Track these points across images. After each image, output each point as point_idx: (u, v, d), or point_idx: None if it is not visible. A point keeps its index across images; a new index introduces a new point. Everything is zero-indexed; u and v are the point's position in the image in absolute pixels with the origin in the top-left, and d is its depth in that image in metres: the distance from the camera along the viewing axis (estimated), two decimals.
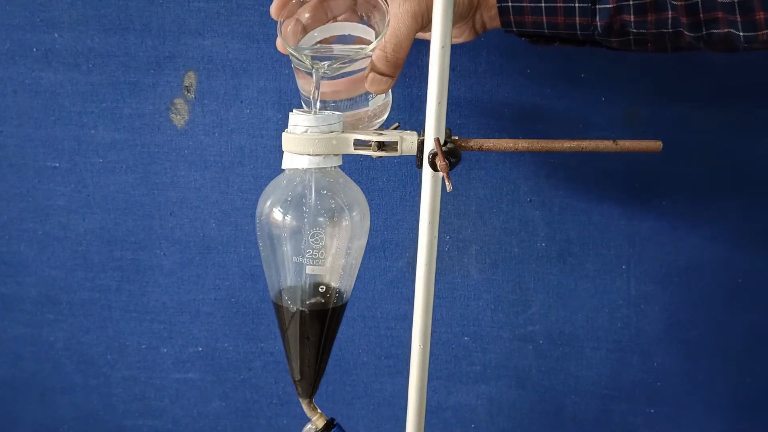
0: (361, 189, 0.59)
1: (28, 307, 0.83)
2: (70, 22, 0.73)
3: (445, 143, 0.52)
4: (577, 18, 0.56)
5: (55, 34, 0.73)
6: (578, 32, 0.57)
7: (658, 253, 0.77)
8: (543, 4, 0.56)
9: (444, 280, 0.79)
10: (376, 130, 0.59)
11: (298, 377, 0.60)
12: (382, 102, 0.61)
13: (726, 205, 0.75)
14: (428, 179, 0.53)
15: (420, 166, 0.54)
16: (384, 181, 0.77)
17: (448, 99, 0.52)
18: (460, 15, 0.58)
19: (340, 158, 0.57)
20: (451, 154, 0.52)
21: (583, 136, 0.56)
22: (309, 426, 0.62)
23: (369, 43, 0.56)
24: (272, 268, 0.58)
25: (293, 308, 0.57)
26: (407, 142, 0.55)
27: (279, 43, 0.62)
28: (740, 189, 0.75)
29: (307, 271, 0.56)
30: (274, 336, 0.82)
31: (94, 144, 0.77)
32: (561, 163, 0.75)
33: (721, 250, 0.77)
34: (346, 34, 0.59)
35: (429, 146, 0.53)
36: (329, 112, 0.56)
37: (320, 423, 0.61)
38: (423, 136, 0.53)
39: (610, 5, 0.55)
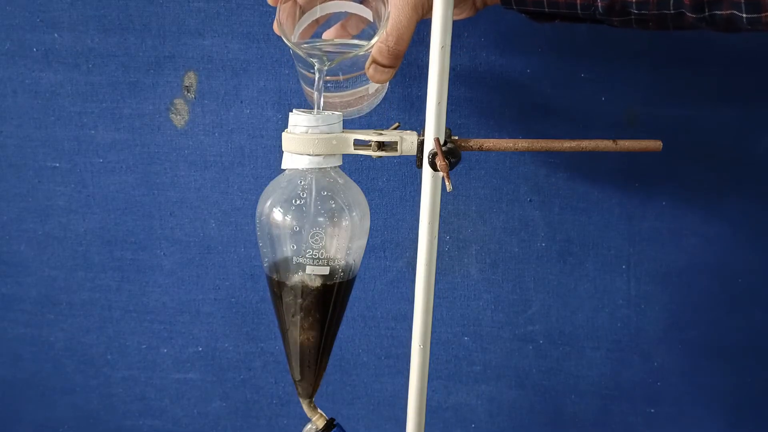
0: (361, 189, 0.59)
1: (28, 307, 0.83)
2: (70, 22, 0.73)
3: (445, 143, 0.52)
4: None
5: (55, 34, 0.73)
6: (579, 11, 0.56)
7: (658, 253, 0.77)
8: None
9: (444, 280, 0.79)
10: (376, 130, 0.59)
11: (298, 377, 0.60)
12: None
13: (726, 205, 0.75)
14: (428, 179, 0.53)
15: (420, 166, 0.54)
16: (384, 181, 0.77)
17: (448, 99, 0.52)
18: None
19: (340, 158, 0.57)
20: (451, 154, 0.52)
21: (583, 136, 0.56)
22: (309, 426, 0.62)
23: (366, 20, 0.57)
24: (272, 269, 0.58)
25: (293, 308, 0.57)
26: (407, 142, 0.55)
27: (275, 25, 0.61)
28: (740, 189, 0.75)
29: (307, 272, 0.56)
30: (274, 336, 0.82)
31: (94, 144, 0.77)
32: (561, 163, 0.75)
33: (721, 250, 0.77)
34: (343, 11, 0.59)
35: (429, 146, 0.53)
36: (329, 112, 0.56)
37: (320, 423, 0.61)
38: (423, 136, 0.53)
39: None
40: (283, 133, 0.56)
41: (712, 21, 0.53)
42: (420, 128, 0.54)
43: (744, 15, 0.51)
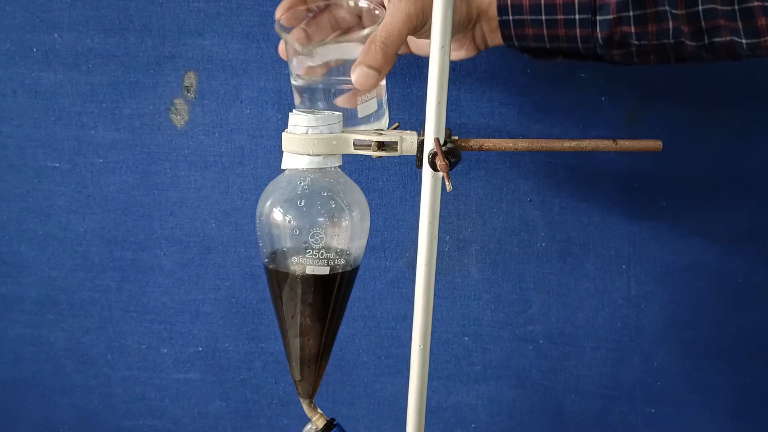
0: (361, 189, 0.59)
1: (28, 307, 0.83)
2: (70, 22, 0.73)
3: (445, 143, 0.52)
4: (578, 30, 0.56)
5: (55, 35, 0.73)
6: (579, 45, 0.57)
7: (658, 253, 0.77)
8: (543, 17, 0.57)
9: (444, 280, 0.79)
10: (376, 130, 0.59)
11: (298, 377, 0.60)
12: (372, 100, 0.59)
13: (726, 205, 0.75)
14: (428, 179, 0.53)
15: (420, 166, 0.54)
16: (384, 181, 0.77)
17: (448, 99, 0.52)
18: (458, 25, 0.58)
19: (340, 158, 0.57)
20: (451, 154, 0.52)
21: (583, 136, 0.56)
22: (309, 426, 0.61)
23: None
24: (272, 268, 0.58)
25: (293, 308, 0.57)
26: (407, 142, 0.55)
27: (281, 49, 0.61)
28: (740, 189, 0.75)
29: (307, 272, 0.56)
30: (274, 336, 0.82)
31: (94, 144, 0.77)
32: (561, 163, 0.75)
33: (721, 250, 0.76)
34: (354, 58, 0.57)
35: (429, 146, 0.53)
36: (329, 112, 0.56)
37: (320, 423, 0.61)
38: (423, 136, 0.53)
39: (610, 16, 0.55)
40: (283, 133, 0.56)
41: (712, 48, 0.53)
42: (420, 128, 0.54)
43: (744, 41, 0.51)
